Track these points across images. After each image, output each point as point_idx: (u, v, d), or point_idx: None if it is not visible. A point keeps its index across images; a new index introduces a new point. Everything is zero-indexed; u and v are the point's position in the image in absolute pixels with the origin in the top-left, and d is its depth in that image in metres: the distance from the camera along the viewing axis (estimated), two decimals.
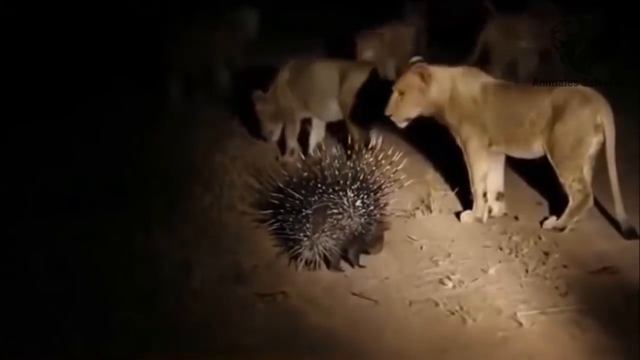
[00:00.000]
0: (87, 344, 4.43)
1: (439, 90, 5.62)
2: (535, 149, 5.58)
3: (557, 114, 5.44)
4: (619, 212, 5.46)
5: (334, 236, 4.99)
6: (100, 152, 6.47)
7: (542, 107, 5.48)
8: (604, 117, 5.41)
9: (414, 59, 5.82)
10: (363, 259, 5.16)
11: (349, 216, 4.99)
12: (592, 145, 5.44)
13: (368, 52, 7.74)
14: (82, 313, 4.65)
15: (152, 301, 4.78)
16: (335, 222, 4.97)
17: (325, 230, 4.97)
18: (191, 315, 4.72)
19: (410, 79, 5.61)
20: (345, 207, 4.97)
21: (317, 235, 4.96)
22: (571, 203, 5.51)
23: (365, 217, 5.02)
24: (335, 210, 4.96)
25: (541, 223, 5.62)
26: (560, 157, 5.46)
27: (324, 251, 5.01)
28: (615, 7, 8.43)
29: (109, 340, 4.47)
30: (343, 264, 5.15)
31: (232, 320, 4.69)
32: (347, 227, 5.00)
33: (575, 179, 5.46)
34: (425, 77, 5.58)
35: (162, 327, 4.59)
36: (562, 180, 5.50)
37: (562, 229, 5.50)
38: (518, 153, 5.70)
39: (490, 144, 5.64)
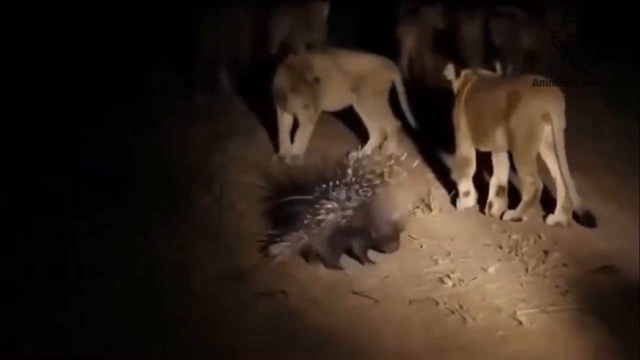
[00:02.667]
0: (87, 344, 4.42)
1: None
2: (499, 143, 5.66)
3: (510, 105, 5.52)
4: (574, 198, 5.50)
5: (314, 232, 5.00)
6: (99, 153, 6.45)
7: (498, 99, 5.59)
8: (551, 105, 5.47)
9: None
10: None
11: (326, 211, 5.00)
12: (543, 135, 5.49)
13: (409, 39, 7.78)
14: (82, 313, 4.64)
15: (152, 301, 4.77)
16: (310, 218, 4.99)
17: (298, 226, 4.99)
18: (191, 315, 4.71)
19: None
20: (319, 202, 4.99)
21: (290, 232, 5.01)
22: (525, 197, 5.59)
23: (342, 210, 5.01)
24: (304, 207, 4.99)
25: (501, 216, 5.69)
26: (516, 150, 5.56)
27: (303, 248, 5.06)
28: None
29: (109, 340, 4.46)
30: (345, 263, 5.16)
31: (232, 320, 4.69)
32: (325, 223, 5.00)
33: (528, 172, 5.53)
34: None
35: (162, 327, 4.57)
36: (518, 173, 5.61)
37: (518, 220, 5.58)
38: (487, 147, 5.78)
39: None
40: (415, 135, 6.71)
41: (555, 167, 5.51)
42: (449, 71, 5.91)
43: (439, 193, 6.01)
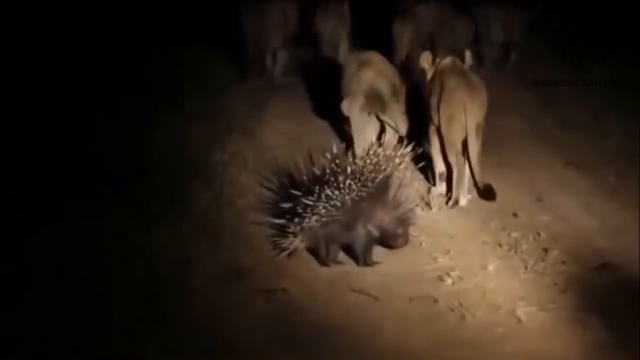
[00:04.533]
0: (87, 344, 4.42)
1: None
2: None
3: (441, 97, 5.86)
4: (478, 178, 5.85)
5: (313, 229, 5.04)
6: (99, 151, 6.43)
7: (436, 90, 5.91)
8: (467, 100, 5.77)
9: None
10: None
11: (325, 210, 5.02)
12: (461, 124, 5.79)
13: (405, 36, 7.83)
14: (81, 312, 4.64)
15: (152, 299, 4.77)
16: (309, 215, 5.02)
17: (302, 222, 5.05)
18: (192, 313, 4.72)
19: None
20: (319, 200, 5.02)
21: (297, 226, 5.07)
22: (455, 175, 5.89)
23: (343, 208, 5.02)
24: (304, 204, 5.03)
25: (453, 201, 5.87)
26: (444, 134, 5.87)
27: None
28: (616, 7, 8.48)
29: (109, 340, 4.46)
30: (344, 260, 5.18)
31: (232, 317, 4.70)
32: (324, 221, 5.03)
33: (452, 153, 5.85)
34: None
35: (162, 325, 4.58)
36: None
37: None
38: None
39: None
40: (413, 134, 6.71)
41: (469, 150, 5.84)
42: (424, 59, 6.09)
43: (438, 191, 6.00)
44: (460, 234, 5.50)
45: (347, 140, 6.42)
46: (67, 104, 7.13)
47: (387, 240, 5.10)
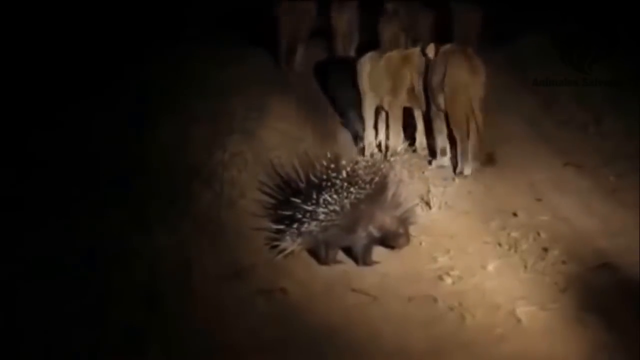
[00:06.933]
0: (87, 344, 4.41)
1: None
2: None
3: (445, 75, 6.22)
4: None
5: (313, 230, 5.04)
6: (99, 151, 6.44)
7: (439, 72, 6.27)
8: (469, 77, 6.17)
9: None
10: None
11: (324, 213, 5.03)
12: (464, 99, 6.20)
13: (388, 33, 7.89)
14: (81, 312, 4.63)
15: (152, 300, 4.76)
16: (309, 217, 5.03)
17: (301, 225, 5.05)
18: (191, 314, 4.71)
19: None
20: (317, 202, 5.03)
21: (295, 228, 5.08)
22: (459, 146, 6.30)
23: (341, 209, 5.02)
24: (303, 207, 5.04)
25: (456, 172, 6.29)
26: (448, 111, 6.25)
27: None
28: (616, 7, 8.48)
29: (109, 340, 4.46)
30: (344, 260, 5.18)
31: (231, 317, 4.69)
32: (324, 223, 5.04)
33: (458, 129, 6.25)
34: None
35: (162, 326, 4.57)
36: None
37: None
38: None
39: None
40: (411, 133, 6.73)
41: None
42: (430, 49, 6.34)
43: (438, 190, 6.01)
44: (460, 233, 5.49)
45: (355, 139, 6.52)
46: (67, 104, 7.14)
47: (389, 241, 5.09)
